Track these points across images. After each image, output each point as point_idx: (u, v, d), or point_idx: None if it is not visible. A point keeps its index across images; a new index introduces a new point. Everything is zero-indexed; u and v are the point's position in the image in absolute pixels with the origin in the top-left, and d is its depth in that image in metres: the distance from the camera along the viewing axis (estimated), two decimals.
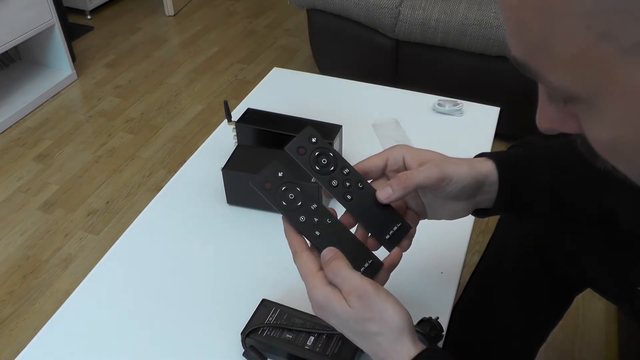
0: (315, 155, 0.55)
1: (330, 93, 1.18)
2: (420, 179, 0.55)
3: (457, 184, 0.57)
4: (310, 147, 0.55)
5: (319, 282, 0.52)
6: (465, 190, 0.58)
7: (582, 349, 1.35)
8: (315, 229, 0.54)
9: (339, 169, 0.56)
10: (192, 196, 0.92)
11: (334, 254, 0.52)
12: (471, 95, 1.16)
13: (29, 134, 2.17)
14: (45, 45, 2.39)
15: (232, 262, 0.81)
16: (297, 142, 0.55)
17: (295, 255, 0.54)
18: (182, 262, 0.81)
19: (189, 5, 3.13)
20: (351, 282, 0.50)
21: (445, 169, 0.56)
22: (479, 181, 0.58)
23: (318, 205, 0.55)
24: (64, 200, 1.85)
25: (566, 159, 0.62)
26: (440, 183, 0.56)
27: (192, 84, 2.45)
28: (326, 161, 0.55)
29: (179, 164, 1.87)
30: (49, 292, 1.55)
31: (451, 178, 0.56)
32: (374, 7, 1.85)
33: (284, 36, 2.82)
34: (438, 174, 0.56)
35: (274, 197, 0.54)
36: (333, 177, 0.55)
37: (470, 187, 0.58)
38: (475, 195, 0.60)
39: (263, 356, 0.66)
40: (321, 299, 0.51)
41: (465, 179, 0.57)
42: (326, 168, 0.55)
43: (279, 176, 0.55)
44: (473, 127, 1.06)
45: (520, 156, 0.62)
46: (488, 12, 1.73)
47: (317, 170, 0.55)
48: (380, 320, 0.49)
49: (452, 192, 0.57)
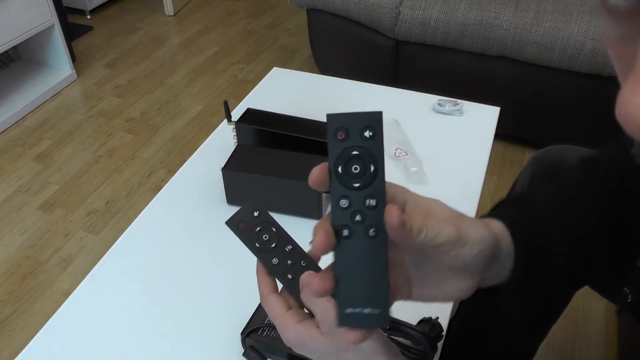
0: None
1: (330, 93, 1.18)
2: (431, 229, 0.42)
3: (473, 248, 0.44)
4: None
5: (288, 321, 0.50)
6: (478, 259, 0.45)
7: (582, 349, 1.35)
8: (288, 271, 0.52)
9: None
10: (192, 196, 0.92)
11: (309, 279, 0.48)
12: (471, 95, 1.16)
13: (29, 134, 2.17)
14: (45, 45, 2.39)
15: (232, 262, 0.81)
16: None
17: (262, 298, 0.52)
18: (182, 262, 0.81)
19: (189, 5, 3.13)
20: (320, 307, 0.47)
21: (462, 227, 0.44)
22: (494, 249, 0.47)
23: (294, 246, 0.52)
24: (64, 200, 1.85)
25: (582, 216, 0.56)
26: (455, 244, 0.43)
27: (192, 84, 2.45)
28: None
29: (179, 164, 1.87)
30: (49, 292, 1.55)
31: (467, 239, 0.44)
32: (374, 7, 1.85)
33: (284, 36, 2.82)
34: (454, 234, 0.43)
35: (247, 238, 0.52)
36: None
37: (486, 255, 0.46)
38: (488, 267, 0.47)
39: (263, 356, 0.66)
40: (294, 339, 0.50)
41: (483, 242, 0.45)
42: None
43: (254, 216, 0.52)
44: (473, 127, 1.06)
45: (528, 216, 0.53)
46: (488, 12, 1.73)
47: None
48: (355, 348, 0.47)
49: (464, 260, 0.44)
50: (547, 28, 1.66)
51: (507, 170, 1.90)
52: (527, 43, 1.69)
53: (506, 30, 1.71)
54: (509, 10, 1.72)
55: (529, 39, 1.68)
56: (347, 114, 0.39)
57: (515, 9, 1.72)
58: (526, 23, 1.69)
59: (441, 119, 1.09)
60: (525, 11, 1.71)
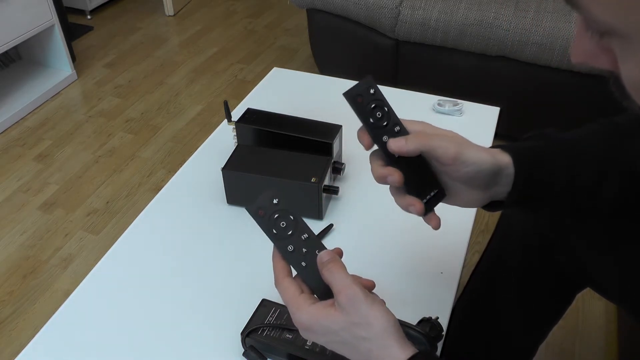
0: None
1: (330, 93, 1.18)
2: (437, 143, 0.55)
3: (472, 166, 0.55)
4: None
5: (302, 303, 0.52)
6: (481, 177, 0.57)
7: (582, 349, 1.35)
8: (302, 259, 0.54)
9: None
10: (192, 196, 0.92)
11: (331, 256, 0.53)
12: (471, 95, 1.16)
13: (29, 134, 2.17)
14: (45, 45, 2.39)
15: (232, 262, 0.81)
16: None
17: (276, 281, 0.54)
18: (182, 262, 0.81)
19: (189, 5, 3.13)
20: (344, 282, 0.51)
21: (464, 149, 0.55)
22: (495, 171, 0.57)
23: (309, 235, 0.54)
24: (64, 200, 1.85)
25: (584, 151, 0.61)
26: (454, 161, 0.55)
27: (192, 84, 2.45)
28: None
29: (179, 164, 1.87)
30: (49, 292, 1.55)
31: (467, 159, 0.55)
32: (374, 7, 1.85)
33: (284, 36, 2.82)
34: (455, 150, 0.55)
35: (265, 224, 0.54)
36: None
37: (486, 174, 0.57)
38: (491, 185, 0.58)
39: (263, 356, 0.66)
40: (306, 320, 0.52)
41: (483, 164, 0.56)
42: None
43: (274, 203, 0.54)
44: (473, 127, 1.06)
45: (538, 148, 0.61)
46: (488, 12, 1.73)
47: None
48: (367, 325, 0.50)
49: (468, 176, 0.56)
50: (547, 28, 1.66)
51: None
52: (527, 43, 1.69)
53: (506, 30, 1.71)
54: (509, 10, 1.72)
55: (529, 39, 1.68)
56: (354, 87, 0.56)
57: (515, 9, 1.72)
58: (526, 23, 1.69)
59: (441, 119, 1.09)
60: (525, 11, 1.71)
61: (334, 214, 0.88)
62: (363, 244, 0.83)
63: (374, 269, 0.79)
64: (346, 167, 0.93)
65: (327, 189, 0.86)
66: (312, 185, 0.83)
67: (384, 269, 0.79)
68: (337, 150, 0.92)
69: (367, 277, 0.77)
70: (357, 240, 0.84)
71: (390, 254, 0.81)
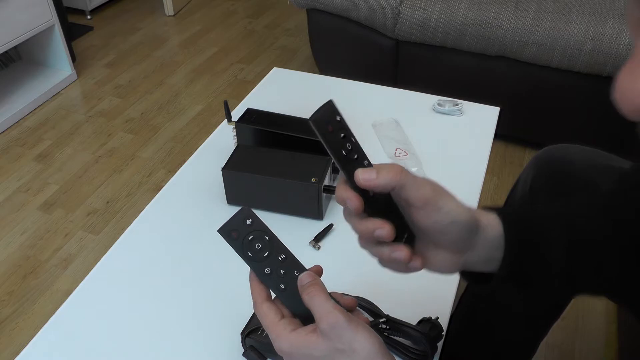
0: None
1: (330, 93, 1.18)
2: (410, 181, 0.48)
3: (446, 215, 0.48)
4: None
5: (281, 330, 0.50)
6: (454, 231, 0.50)
7: (582, 349, 1.35)
8: (280, 282, 0.51)
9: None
10: (192, 196, 0.92)
11: (312, 279, 0.51)
12: (471, 95, 1.16)
13: (29, 134, 2.17)
14: (45, 45, 2.39)
15: (232, 262, 0.81)
16: (230, 224, 0.51)
17: (255, 306, 0.52)
18: (182, 262, 0.81)
19: (189, 5, 3.13)
20: (325, 307, 0.48)
21: (439, 194, 0.49)
22: (472, 229, 0.51)
23: (287, 256, 0.52)
24: (64, 200, 1.85)
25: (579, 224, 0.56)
26: (426, 204, 0.48)
27: (192, 84, 2.45)
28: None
29: (179, 164, 1.87)
30: (49, 292, 1.55)
31: (441, 205, 0.48)
32: (374, 7, 1.85)
33: (284, 36, 2.82)
34: (429, 192, 0.48)
35: (239, 247, 0.51)
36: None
37: (460, 229, 0.50)
38: (464, 247, 0.52)
39: (263, 356, 0.66)
40: (287, 348, 0.50)
41: (459, 215, 0.49)
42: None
43: (247, 224, 0.51)
44: (473, 127, 1.06)
45: (529, 213, 0.55)
46: (488, 12, 1.73)
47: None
48: (351, 351, 0.47)
49: (439, 225, 0.49)
50: (547, 28, 1.66)
51: (507, 171, 1.90)
52: (527, 43, 1.69)
53: (506, 30, 1.71)
54: (509, 10, 1.72)
55: (529, 39, 1.68)
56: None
57: (515, 9, 1.72)
58: (526, 23, 1.69)
59: (441, 119, 1.09)
60: (525, 11, 1.71)
61: (334, 214, 0.88)
62: None
63: (373, 269, 0.79)
64: None
65: (327, 189, 0.86)
66: (312, 185, 0.83)
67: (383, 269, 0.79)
68: None
69: (367, 276, 0.77)
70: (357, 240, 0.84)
71: None
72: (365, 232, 0.51)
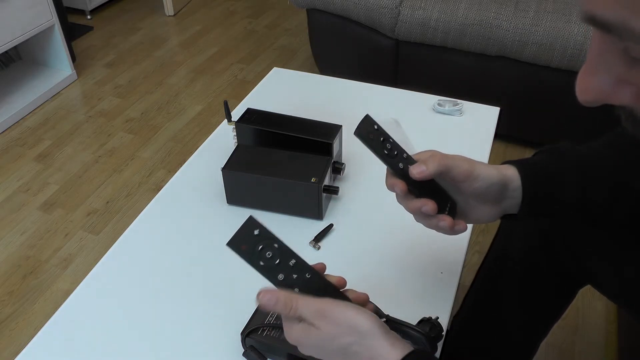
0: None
1: (330, 93, 1.18)
2: (452, 162, 0.59)
3: (483, 181, 0.60)
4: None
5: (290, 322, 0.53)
6: (491, 191, 0.61)
7: (582, 349, 1.35)
8: (294, 285, 0.53)
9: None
10: (192, 196, 0.92)
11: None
12: (471, 95, 1.16)
13: (29, 134, 2.17)
14: (45, 45, 2.38)
15: (232, 262, 0.81)
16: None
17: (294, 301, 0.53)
18: (182, 262, 0.81)
19: (189, 5, 3.13)
20: (310, 307, 0.51)
21: (475, 166, 0.60)
22: (503, 184, 0.61)
23: (297, 260, 0.53)
24: (64, 200, 1.85)
25: (598, 166, 0.63)
26: (468, 177, 0.59)
27: (192, 84, 2.45)
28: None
29: (179, 164, 1.87)
30: (49, 292, 1.55)
31: (478, 174, 0.60)
32: (374, 7, 1.85)
33: (284, 36, 2.82)
34: (468, 167, 0.60)
35: (250, 258, 0.52)
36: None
37: (495, 188, 0.61)
38: (501, 199, 0.62)
39: (263, 356, 0.66)
40: (296, 336, 0.53)
41: (492, 178, 0.60)
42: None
43: (255, 234, 0.52)
44: (473, 127, 1.06)
45: (546, 163, 0.64)
46: (488, 12, 1.73)
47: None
48: (349, 328, 0.50)
49: (479, 191, 0.60)
50: (547, 28, 1.66)
51: None
52: (527, 43, 1.69)
53: (506, 30, 1.71)
54: (509, 10, 1.72)
55: (529, 39, 1.68)
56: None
57: (515, 9, 1.72)
58: (526, 23, 1.69)
59: (441, 119, 1.09)
60: (525, 11, 1.71)
61: (334, 214, 0.88)
62: (363, 244, 0.83)
63: (373, 268, 0.79)
64: (346, 167, 0.93)
65: (327, 189, 0.86)
66: (312, 185, 0.83)
67: (383, 269, 0.79)
68: (337, 150, 0.92)
69: (367, 276, 0.77)
70: (357, 240, 0.84)
71: (390, 254, 0.81)
72: (415, 210, 0.61)
